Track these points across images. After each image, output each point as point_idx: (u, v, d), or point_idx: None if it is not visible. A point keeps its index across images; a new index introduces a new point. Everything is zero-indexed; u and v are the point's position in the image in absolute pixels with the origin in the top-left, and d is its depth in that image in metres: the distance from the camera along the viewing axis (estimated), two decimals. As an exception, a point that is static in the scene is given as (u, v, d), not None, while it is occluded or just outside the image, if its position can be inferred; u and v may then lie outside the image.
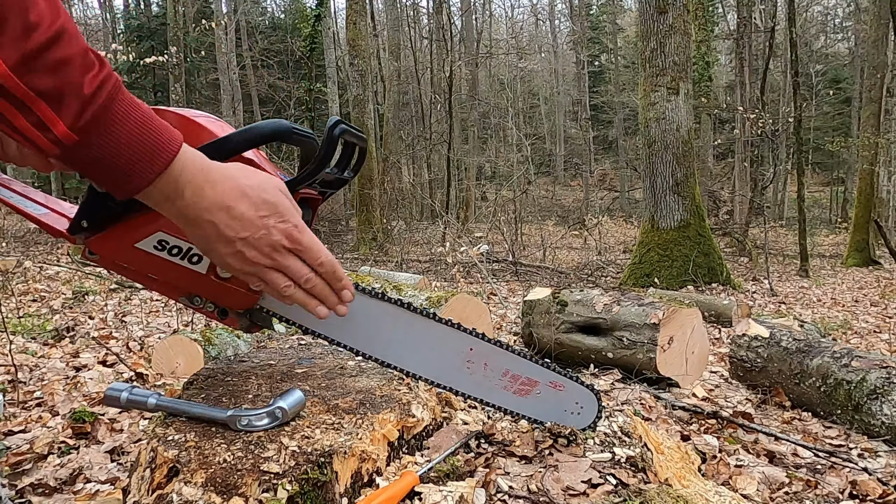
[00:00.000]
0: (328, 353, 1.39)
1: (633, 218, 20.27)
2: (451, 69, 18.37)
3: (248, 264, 0.82)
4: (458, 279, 6.75)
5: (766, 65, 16.38)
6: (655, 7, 7.95)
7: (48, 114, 0.66)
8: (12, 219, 12.14)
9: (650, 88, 8.09)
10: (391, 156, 17.69)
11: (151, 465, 0.93)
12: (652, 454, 1.16)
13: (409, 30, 24.89)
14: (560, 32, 39.08)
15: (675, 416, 2.25)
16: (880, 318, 5.99)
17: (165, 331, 3.69)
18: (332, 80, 17.86)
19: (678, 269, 7.80)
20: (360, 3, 13.69)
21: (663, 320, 2.78)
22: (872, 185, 13.48)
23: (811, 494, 1.65)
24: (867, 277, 10.39)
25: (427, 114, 22.38)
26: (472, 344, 1.08)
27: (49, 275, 6.51)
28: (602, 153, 35.73)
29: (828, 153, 24.83)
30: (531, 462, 1.06)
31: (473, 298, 3.21)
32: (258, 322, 1.06)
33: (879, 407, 2.21)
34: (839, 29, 32.39)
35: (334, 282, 0.89)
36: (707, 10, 17.34)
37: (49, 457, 1.60)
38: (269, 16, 32.92)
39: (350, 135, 0.97)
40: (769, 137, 14.56)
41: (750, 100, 17.57)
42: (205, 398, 1.09)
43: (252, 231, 0.80)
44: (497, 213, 13.19)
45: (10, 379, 2.36)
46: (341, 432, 0.99)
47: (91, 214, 0.96)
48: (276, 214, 0.82)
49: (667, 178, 8.01)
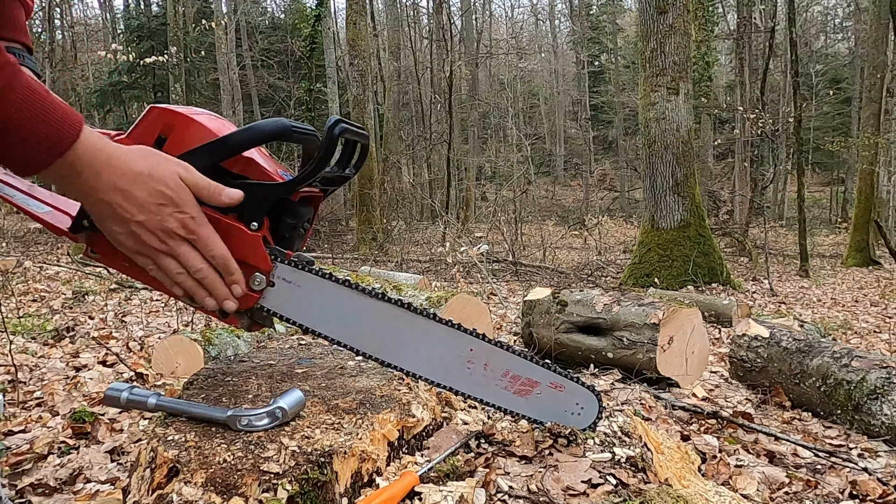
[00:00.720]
0: (328, 353, 1.39)
1: (633, 218, 20.28)
2: (451, 69, 18.37)
3: (142, 246, 0.87)
4: (458, 279, 6.76)
5: (766, 65, 16.39)
6: (655, 7, 7.96)
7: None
8: (12, 219, 12.15)
9: (650, 88, 8.09)
10: (391, 156, 17.71)
11: (151, 465, 0.93)
12: (652, 454, 1.16)
13: (409, 30, 24.90)
14: (560, 32, 39.10)
15: (675, 416, 2.25)
16: (880, 318, 5.99)
17: (165, 331, 3.68)
18: (332, 80, 17.85)
19: (678, 269, 7.80)
20: (360, 3, 13.69)
21: (663, 320, 2.78)
22: (872, 185, 13.49)
23: (811, 494, 1.65)
24: (867, 277, 10.40)
25: (427, 114, 22.39)
26: (472, 344, 1.07)
27: (49, 275, 6.51)
28: (602, 153, 35.72)
29: (828, 153, 24.82)
30: (531, 462, 1.06)
31: (473, 298, 3.21)
32: (259, 321, 1.06)
33: (879, 407, 2.21)
34: (839, 29, 32.40)
35: (226, 275, 0.93)
36: (707, 10, 17.35)
37: (49, 457, 1.60)
38: (269, 16, 32.92)
39: (351, 133, 0.97)
40: (769, 137, 14.57)
41: (750, 100, 17.57)
42: (205, 398, 1.09)
43: (147, 216, 0.84)
44: (497, 213, 13.19)
45: (10, 379, 2.36)
46: (341, 432, 0.99)
47: None
48: (173, 204, 0.85)
49: (667, 178, 8.01)
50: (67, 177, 0.80)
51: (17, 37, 1.05)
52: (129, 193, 0.83)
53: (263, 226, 0.97)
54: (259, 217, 0.96)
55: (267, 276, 1.00)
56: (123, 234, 0.86)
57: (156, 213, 0.84)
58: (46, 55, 18.48)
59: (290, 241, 1.04)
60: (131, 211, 0.83)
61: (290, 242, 1.04)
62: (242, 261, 0.98)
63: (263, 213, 0.96)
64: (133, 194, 0.83)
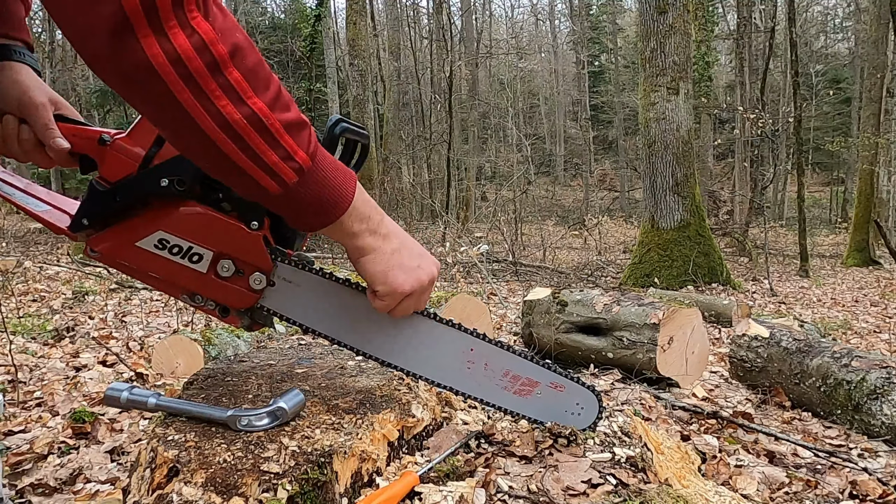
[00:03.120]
0: (328, 353, 1.39)
1: (633, 218, 20.26)
2: (451, 69, 18.36)
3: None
4: (458, 279, 6.75)
5: (766, 65, 16.38)
6: (655, 7, 7.95)
7: (292, 144, 0.74)
8: (12, 219, 12.15)
9: (650, 88, 8.09)
10: (391, 156, 17.69)
11: (151, 465, 0.93)
12: (652, 454, 1.16)
13: (409, 30, 24.89)
14: (560, 32, 39.09)
15: (675, 416, 2.25)
16: (880, 318, 5.99)
17: (165, 331, 3.68)
18: (332, 80, 17.84)
19: (678, 269, 7.80)
20: (360, 3, 13.68)
21: (663, 320, 2.78)
22: (872, 185, 13.48)
23: (811, 494, 1.65)
24: (867, 277, 10.39)
25: (427, 114, 22.38)
26: (472, 344, 1.07)
27: (49, 275, 6.51)
28: (602, 153, 35.72)
29: (828, 153, 24.82)
30: (531, 462, 1.06)
31: (473, 298, 3.22)
32: (259, 321, 1.06)
33: (879, 407, 2.21)
34: (839, 29, 32.39)
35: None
36: (707, 10, 17.34)
37: (49, 457, 1.60)
38: (269, 16, 32.90)
39: (351, 132, 0.97)
40: (769, 137, 14.56)
41: (750, 100, 17.56)
42: (205, 398, 1.09)
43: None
44: (497, 213, 13.17)
45: (10, 379, 2.36)
46: (341, 432, 0.98)
47: (93, 212, 0.97)
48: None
49: (667, 178, 8.01)
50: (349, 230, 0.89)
51: (17, 34, 1.05)
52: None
53: (264, 225, 0.97)
54: (259, 216, 0.96)
55: (267, 275, 1.00)
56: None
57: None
58: (46, 55, 18.46)
59: (291, 241, 1.04)
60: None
61: (290, 242, 1.04)
62: (243, 260, 0.98)
63: (264, 212, 0.96)
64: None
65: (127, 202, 0.95)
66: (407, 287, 0.93)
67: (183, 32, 0.64)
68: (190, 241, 0.95)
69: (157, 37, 0.63)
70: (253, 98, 0.70)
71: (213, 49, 0.65)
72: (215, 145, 0.72)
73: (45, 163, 1.06)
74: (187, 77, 0.65)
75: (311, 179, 0.79)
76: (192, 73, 0.65)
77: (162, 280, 1.00)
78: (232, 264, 0.98)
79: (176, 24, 0.63)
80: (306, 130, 0.77)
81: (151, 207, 0.96)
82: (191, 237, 0.96)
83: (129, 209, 0.96)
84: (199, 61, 0.65)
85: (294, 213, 0.83)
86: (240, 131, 0.71)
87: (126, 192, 0.95)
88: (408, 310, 0.97)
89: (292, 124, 0.74)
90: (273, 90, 0.73)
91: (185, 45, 0.64)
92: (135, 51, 0.63)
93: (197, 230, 0.95)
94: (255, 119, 0.71)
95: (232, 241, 0.96)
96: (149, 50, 0.63)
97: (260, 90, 0.71)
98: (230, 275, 0.98)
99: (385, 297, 0.94)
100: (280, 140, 0.74)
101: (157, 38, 0.63)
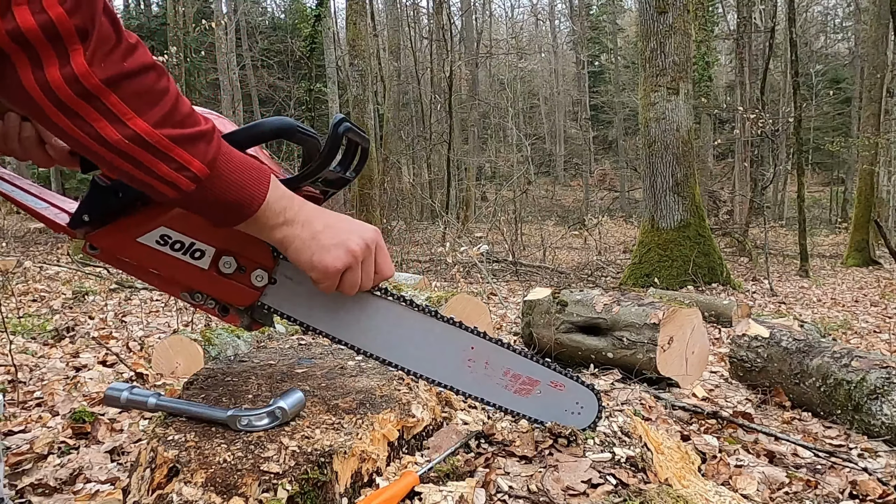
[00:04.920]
0: (328, 353, 1.39)
1: (633, 218, 20.26)
2: (451, 69, 18.37)
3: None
4: (458, 279, 6.76)
5: (766, 65, 16.38)
6: (655, 7, 7.95)
7: (184, 156, 0.78)
8: (13, 218, 12.16)
9: (650, 88, 8.09)
10: (391, 156, 17.69)
11: (151, 465, 0.93)
12: (652, 454, 1.16)
13: (409, 30, 24.87)
14: (560, 32, 39.09)
15: (675, 416, 2.25)
16: (880, 318, 5.99)
17: (165, 331, 3.68)
18: (332, 81, 17.85)
19: (678, 269, 7.80)
20: (360, 3, 13.68)
21: (663, 320, 2.78)
22: (872, 185, 13.48)
23: (811, 494, 1.65)
24: (867, 277, 10.39)
25: (427, 114, 22.37)
26: (473, 342, 1.07)
27: (49, 275, 6.51)
28: (602, 153, 35.72)
29: (828, 153, 24.80)
30: (531, 462, 1.06)
31: (473, 298, 3.22)
32: (259, 319, 1.06)
33: (879, 407, 2.21)
34: (839, 29, 32.38)
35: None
36: (707, 10, 17.34)
37: (49, 457, 1.60)
38: (269, 16, 32.93)
39: (354, 134, 0.97)
40: (769, 137, 14.56)
41: (750, 100, 17.55)
42: (205, 398, 1.09)
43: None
44: (497, 213, 13.18)
45: (10, 379, 2.36)
46: (341, 432, 0.98)
47: (93, 209, 0.96)
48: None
49: (667, 178, 8.01)
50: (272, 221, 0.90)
51: None
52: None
53: None
54: None
55: (269, 272, 1.00)
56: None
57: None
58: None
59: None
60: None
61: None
62: (245, 256, 0.98)
63: None
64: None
65: (128, 198, 0.95)
66: (339, 264, 0.93)
67: (58, 65, 0.69)
68: (192, 238, 0.95)
69: (34, 68, 0.69)
70: (134, 119, 0.74)
71: (84, 81, 0.70)
72: (104, 160, 0.77)
73: (46, 161, 1.06)
74: (59, 104, 0.71)
75: (212, 185, 0.82)
76: (63, 101, 0.71)
77: (163, 277, 1.00)
78: (234, 261, 0.98)
79: (54, 56, 0.69)
80: (203, 141, 0.80)
81: (153, 204, 0.96)
82: (193, 233, 0.95)
83: (131, 205, 0.96)
84: (68, 91, 0.70)
85: (200, 213, 0.87)
86: (123, 149, 0.76)
87: (128, 189, 0.95)
88: (355, 283, 0.96)
89: (185, 138, 0.78)
90: (164, 108, 0.77)
91: (56, 78, 0.69)
92: (14, 77, 0.69)
93: (199, 226, 0.95)
94: (139, 139, 0.75)
95: (234, 237, 0.95)
96: (25, 81, 0.69)
97: (144, 111, 0.75)
98: (232, 271, 0.98)
99: (322, 281, 0.95)
100: (170, 154, 0.78)
101: (32, 69, 0.69)
